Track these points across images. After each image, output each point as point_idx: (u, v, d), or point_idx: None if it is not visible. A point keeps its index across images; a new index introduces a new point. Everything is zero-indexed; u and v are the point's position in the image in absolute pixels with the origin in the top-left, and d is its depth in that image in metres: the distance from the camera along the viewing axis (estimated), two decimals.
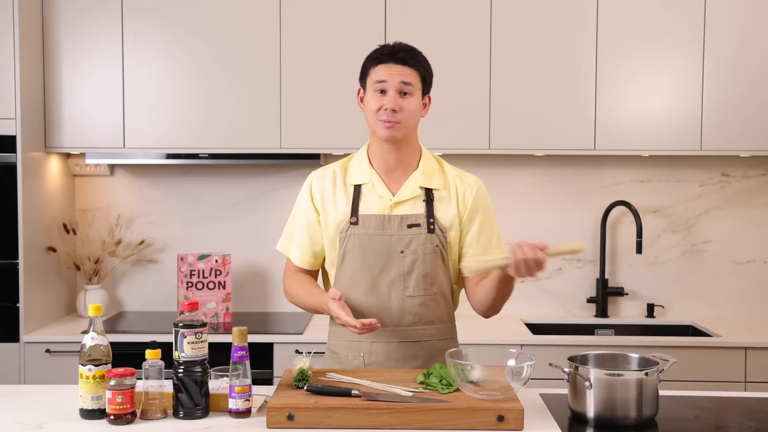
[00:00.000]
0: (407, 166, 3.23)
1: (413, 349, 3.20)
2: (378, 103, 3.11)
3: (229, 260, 5.01)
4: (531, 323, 4.98)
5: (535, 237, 5.20)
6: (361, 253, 3.17)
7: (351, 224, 3.18)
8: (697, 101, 4.77)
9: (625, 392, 2.70)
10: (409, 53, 3.16)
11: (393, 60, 3.12)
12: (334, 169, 3.28)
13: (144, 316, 5.19)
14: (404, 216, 3.16)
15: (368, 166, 3.23)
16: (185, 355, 2.70)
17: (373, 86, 3.13)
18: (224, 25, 4.78)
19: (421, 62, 3.18)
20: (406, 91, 3.11)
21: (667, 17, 4.77)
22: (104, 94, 4.80)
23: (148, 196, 5.30)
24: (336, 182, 3.25)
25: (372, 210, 3.18)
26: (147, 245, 5.29)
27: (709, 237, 5.25)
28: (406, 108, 3.11)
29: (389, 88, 3.10)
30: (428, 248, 3.16)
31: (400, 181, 3.22)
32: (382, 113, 3.10)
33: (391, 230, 3.16)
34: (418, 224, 3.16)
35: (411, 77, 3.12)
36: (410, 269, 3.15)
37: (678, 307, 5.26)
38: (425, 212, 3.18)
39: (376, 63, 3.15)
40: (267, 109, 4.79)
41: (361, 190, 3.21)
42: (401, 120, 3.11)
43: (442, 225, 3.19)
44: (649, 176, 5.24)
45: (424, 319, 3.19)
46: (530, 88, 4.80)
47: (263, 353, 4.53)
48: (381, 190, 3.20)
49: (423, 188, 3.21)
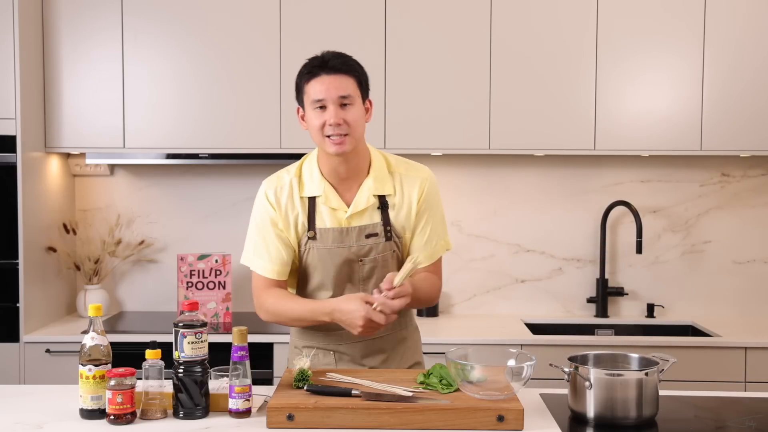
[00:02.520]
0: (358, 173, 3.19)
1: (380, 344, 3.26)
2: (320, 119, 3.05)
3: (229, 260, 5.01)
4: (531, 323, 4.98)
5: (535, 237, 5.22)
6: (322, 266, 3.18)
7: (309, 238, 3.16)
8: (697, 101, 4.77)
9: (625, 392, 2.70)
10: (341, 60, 3.10)
11: (325, 71, 3.06)
12: (289, 180, 3.22)
13: (144, 316, 5.19)
14: (362, 227, 3.16)
15: (320, 178, 3.18)
16: (185, 355, 2.70)
17: (312, 104, 3.07)
18: (224, 24, 4.78)
19: (353, 67, 3.12)
20: (346, 102, 3.05)
21: (667, 17, 4.77)
22: (104, 94, 4.79)
23: (148, 196, 5.30)
24: (293, 192, 3.19)
25: (328, 223, 3.16)
26: (147, 245, 5.29)
27: (709, 237, 5.25)
28: (350, 119, 3.05)
29: (328, 104, 3.03)
30: (387, 255, 3.19)
31: (353, 190, 3.19)
32: (327, 129, 3.04)
33: (349, 242, 3.15)
34: (376, 233, 3.17)
35: (348, 87, 3.06)
36: (369, 275, 3.19)
37: (678, 307, 5.26)
38: (381, 220, 3.18)
39: (309, 78, 3.09)
40: (267, 109, 4.79)
41: (315, 202, 3.18)
42: (348, 132, 3.05)
43: (397, 231, 3.20)
44: (649, 176, 5.24)
45: None
46: (530, 88, 4.79)
47: (263, 353, 4.53)
48: (335, 202, 3.17)
49: (376, 196, 3.18)
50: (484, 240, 5.24)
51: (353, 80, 3.09)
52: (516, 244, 5.25)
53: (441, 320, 5.03)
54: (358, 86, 3.11)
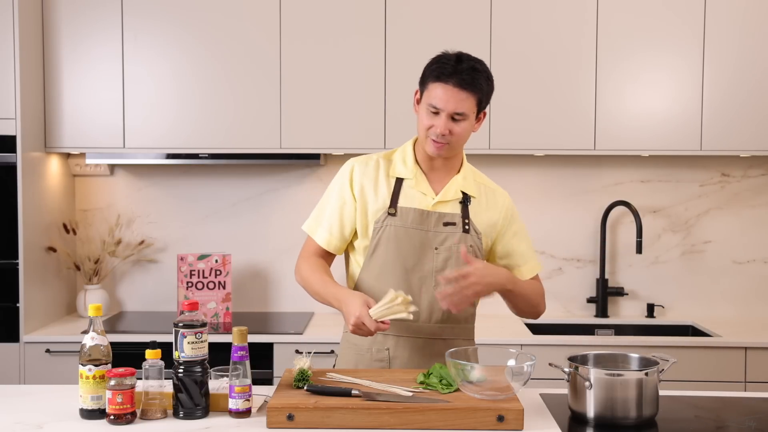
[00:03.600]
0: (450, 169, 3.24)
1: (438, 347, 3.19)
2: (429, 122, 3.07)
3: (229, 260, 5.01)
4: (531, 323, 4.98)
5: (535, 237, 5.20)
6: (395, 245, 3.16)
7: (389, 215, 3.16)
8: (697, 101, 4.78)
9: (625, 392, 2.70)
10: (471, 76, 3.04)
11: (453, 81, 3.02)
12: (377, 158, 3.26)
13: (144, 316, 5.19)
14: (442, 214, 3.17)
15: (414, 163, 3.22)
16: (185, 355, 2.70)
17: (428, 106, 3.07)
18: (224, 24, 4.78)
19: (480, 86, 3.07)
20: (458, 118, 3.05)
21: (668, 17, 4.77)
22: (104, 94, 4.80)
23: (148, 196, 5.30)
24: (379, 172, 3.23)
25: (413, 204, 3.18)
26: (147, 245, 5.29)
27: (709, 237, 5.25)
28: (457, 132, 3.07)
29: (442, 113, 3.04)
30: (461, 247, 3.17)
31: (443, 182, 3.22)
32: (431, 133, 3.07)
33: (428, 226, 3.16)
34: (454, 223, 3.17)
35: (466, 104, 3.04)
36: (443, 266, 3.15)
37: (678, 307, 5.26)
38: (461, 213, 3.19)
39: (435, 79, 3.06)
40: (267, 109, 4.79)
41: (402, 184, 3.20)
42: (450, 142, 3.08)
43: (476, 227, 3.20)
44: (649, 176, 5.24)
45: (451, 318, 3.20)
46: (530, 88, 4.80)
47: (263, 353, 4.53)
48: (424, 187, 3.19)
49: (462, 192, 3.21)
50: None
51: (475, 98, 3.07)
52: None
53: None
54: (477, 104, 3.09)
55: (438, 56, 3.13)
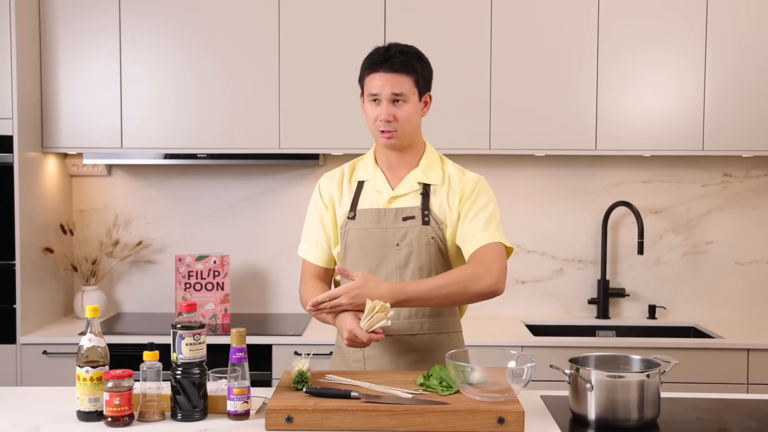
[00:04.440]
0: (410, 164, 3.29)
1: (410, 343, 3.23)
2: (374, 113, 3.16)
3: (228, 261, 5.01)
4: (531, 324, 4.99)
5: (536, 238, 5.22)
6: (359, 247, 3.22)
7: (349, 219, 3.24)
8: (698, 101, 4.77)
9: (626, 394, 2.70)
10: (402, 59, 3.14)
11: (384, 68, 3.13)
12: (342, 168, 3.37)
13: (142, 317, 5.18)
14: (399, 209, 3.21)
15: (373, 164, 3.30)
16: (183, 356, 2.70)
17: (368, 96, 3.18)
18: (223, 24, 4.78)
19: (413, 67, 3.16)
20: (399, 99, 3.13)
21: (669, 16, 4.77)
22: (102, 94, 4.80)
23: (146, 197, 5.30)
24: (343, 180, 3.33)
25: (370, 204, 3.24)
26: (145, 246, 5.29)
27: (711, 238, 5.25)
28: (401, 116, 3.14)
29: (382, 99, 3.13)
30: (423, 240, 3.18)
31: (402, 177, 3.27)
32: (378, 123, 3.15)
33: (386, 223, 3.20)
34: (413, 216, 3.20)
35: (403, 85, 3.13)
36: (406, 262, 3.19)
37: (680, 308, 5.26)
38: (420, 205, 3.21)
39: (369, 71, 3.18)
40: (266, 109, 4.79)
41: (363, 186, 3.28)
42: (397, 128, 3.15)
43: (437, 217, 3.21)
44: (650, 176, 5.24)
45: (420, 312, 3.23)
46: (531, 88, 4.80)
47: (262, 355, 4.53)
48: (381, 185, 3.26)
49: (421, 183, 3.24)
50: None
51: (410, 78, 3.15)
52: (516, 245, 5.25)
53: None
54: (415, 84, 3.17)
55: (369, 53, 3.23)
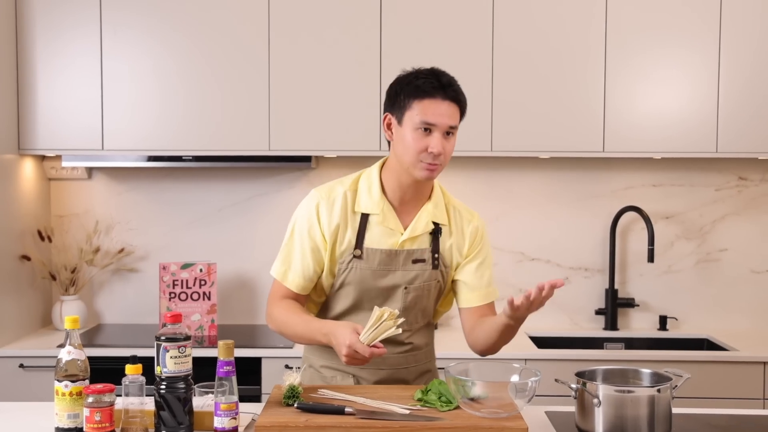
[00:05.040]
0: (420, 198, 3.21)
1: (402, 375, 3.27)
2: (422, 143, 3.01)
3: (215, 269, 5.01)
4: (536, 336, 4.99)
5: (540, 245, 5.22)
6: (362, 287, 3.17)
7: (354, 257, 3.15)
8: (712, 100, 4.78)
9: (635, 410, 2.70)
10: (456, 88, 3.08)
11: (442, 96, 3.03)
12: (343, 192, 3.19)
13: (124, 328, 5.18)
14: (411, 251, 3.17)
15: (380, 196, 3.17)
16: (168, 370, 2.70)
17: (418, 124, 3.01)
18: (210, 18, 4.78)
19: (463, 98, 3.12)
20: (451, 132, 3.06)
21: (681, 10, 4.77)
22: (81, 93, 4.79)
23: (129, 201, 5.29)
24: (346, 210, 3.17)
25: (379, 243, 3.15)
26: (127, 253, 5.29)
27: (726, 245, 5.25)
28: (449, 150, 3.07)
29: (436, 130, 3.02)
30: (431, 284, 3.21)
31: (412, 213, 3.20)
32: (425, 156, 3.02)
33: (396, 265, 3.16)
34: (424, 259, 3.18)
35: (456, 118, 3.07)
36: (412, 305, 3.19)
37: (692, 319, 5.26)
38: (430, 247, 3.19)
39: (423, 96, 3.03)
40: (255, 109, 4.79)
41: (368, 220, 3.17)
42: (443, 162, 3.06)
43: (444, 261, 3.22)
44: (661, 180, 5.24)
45: (414, 347, 3.28)
46: (535, 86, 4.80)
47: (251, 368, 4.53)
48: (392, 222, 3.16)
49: (433, 223, 3.21)
50: None
51: (459, 111, 3.10)
52: (520, 253, 5.26)
53: (440, 333, 5.03)
54: (461, 117, 3.12)
55: (411, 74, 3.12)
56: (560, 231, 5.27)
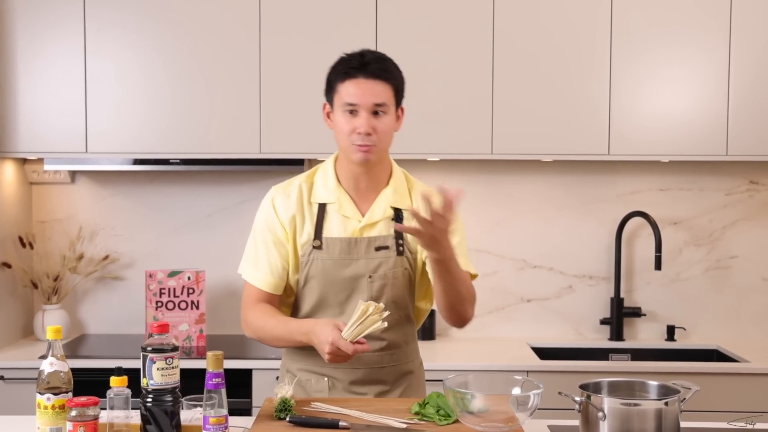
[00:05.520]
0: (377, 184, 3.27)
1: (379, 374, 3.26)
2: (349, 125, 3.12)
3: (203, 277, 5.01)
4: (538, 347, 4.99)
5: (542, 252, 5.22)
6: (325, 279, 3.21)
7: (314, 248, 3.20)
8: (722, 100, 4.78)
9: (642, 424, 2.71)
10: (381, 65, 3.16)
11: (363, 74, 3.12)
12: (299, 184, 3.29)
13: (109, 339, 5.18)
14: (372, 238, 3.21)
15: (335, 185, 3.26)
16: (154, 382, 2.70)
17: (343, 106, 3.13)
18: (198, 16, 4.78)
19: (393, 74, 3.18)
20: (380, 110, 3.11)
21: (689, 7, 4.77)
22: (64, 93, 4.79)
23: (113, 206, 5.29)
24: (302, 200, 3.26)
25: (338, 232, 3.21)
26: (112, 261, 5.29)
27: (736, 251, 5.26)
28: (381, 129, 3.12)
29: (361, 110, 3.10)
30: (398, 272, 3.22)
31: (370, 200, 3.26)
32: (355, 137, 3.11)
33: (357, 254, 3.20)
34: (387, 246, 3.21)
35: (384, 95, 3.12)
36: (379, 294, 3.20)
37: (701, 329, 5.26)
38: (394, 233, 3.22)
39: (344, 77, 3.15)
40: (245, 110, 4.79)
41: (326, 210, 3.24)
42: (376, 142, 3.12)
43: (411, 246, 3.24)
44: (669, 184, 5.24)
45: (390, 344, 3.27)
46: (537, 86, 4.80)
47: (241, 380, 4.53)
48: (349, 210, 3.23)
49: (393, 208, 3.24)
50: (486, 255, 5.25)
51: (390, 87, 3.16)
52: (521, 260, 5.26)
53: (438, 344, 5.04)
54: (394, 94, 3.17)
55: (339, 59, 3.23)
56: (563, 237, 5.27)
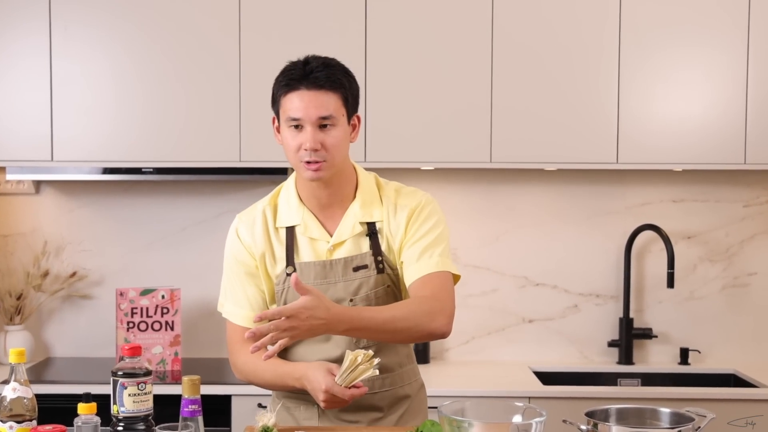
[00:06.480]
0: (342, 198, 3.26)
1: (372, 401, 3.24)
2: (295, 141, 3.10)
3: (179, 296, 5.02)
4: (540, 371, 5.00)
5: (546, 268, 5.22)
6: None
7: (288, 275, 3.19)
8: (740, 104, 4.79)
9: None
10: (326, 72, 3.10)
11: (306, 85, 3.07)
12: (263, 209, 3.29)
13: (76, 362, 5.19)
14: (348, 258, 3.20)
15: (298, 204, 3.26)
16: (125, 409, 2.71)
17: (287, 121, 3.11)
18: (173, 14, 4.78)
19: (340, 81, 3.13)
20: (327, 123, 3.08)
21: (705, 3, 4.77)
22: (28, 97, 4.79)
23: (81, 219, 5.30)
24: (267, 228, 3.26)
25: (309, 256, 3.21)
26: (80, 278, 5.28)
27: (755, 268, 5.27)
28: (330, 143, 3.09)
29: (305, 124, 3.07)
30: (381, 291, 3.21)
31: (337, 217, 3.25)
32: (303, 153, 3.09)
33: (334, 277, 3.19)
34: (366, 265, 3.20)
35: (330, 106, 3.08)
36: None
37: (717, 352, 5.27)
38: (371, 250, 3.22)
39: (286, 90, 3.12)
40: (224, 116, 4.79)
41: (294, 233, 3.24)
42: (326, 158, 3.09)
43: (390, 262, 3.23)
44: (682, 195, 5.25)
45: (382, 369, 3.18)
46: (539, 88, 4.81)
47: (219, 407, 4.53)
48: (316, 231, 3.22)
49: (364, 224, 3.23)
50: (485, 271, 5.26)
51: (338, 97, 3.11)
52: (523, 277, 5.27)
53: (433, 368, 5.04)
54: (344, 104, 3.13)
55: (282, 70, 3.19)
56: (568, 252, 5.28)
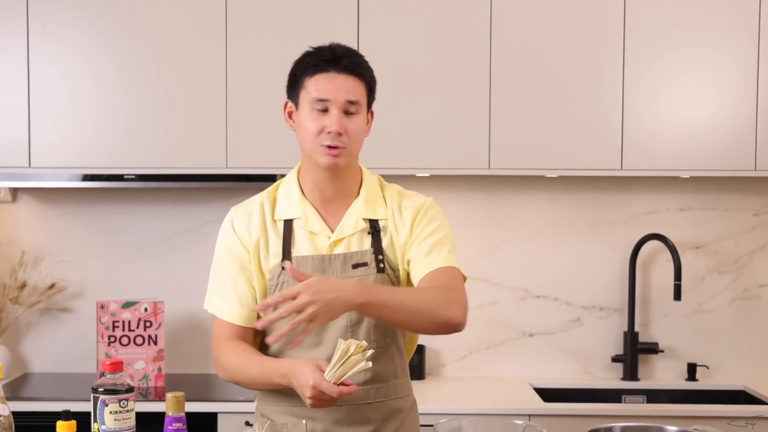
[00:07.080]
0: (347, 194, 3.29)
1: (365, 413, 3.24)
2: (318, 123, 3.12)
3: (162, 309, 5.02)
4: (541, 387, 5.01)
5: (547, 280, 5.22)
6: None
7: (283, 269, 3.19)
8: (750, 108, 4.80)
9: None
10: (355, 59, 3.19)
11: (336, 68, 3.14)
12: (260, 201, 3.32)
13: (55, 378, 5.19)
14: (348, 255, 3.22)
15: (300, 197, 3.28)
16: (107, 427, 2.72)
17: (312, 103, 3.13)
18: (157, 14, 4.78)
19: (367, 70, 3.22)
20: (352, 110, 3.14)
21: (713, 3, 4.79)
22: (4, 100, 4.80)
23: (60, 228, 5.30)
24: (264, 219, 3.28)
25: (307, 250, 3.23)
26: (58, 290, 5.28)
27: (766, 279, 5.27)
28: (352, 130, 3.14)
29: (332, 107, 3.11)
30: None
31: (339, 213, 3.28)
32: (324, 137, 3.11)
33: (332, 273, 3.20)
34: (365, 263, 3.22)
35: (357, 92, 3.15)
36: (359, 318, 3.19)
37: (726, 367, 5.27)
38: (372, 248, 3.24)
39: (313, 71, 3.16)
40: (210, 120, 4.80)
41: (292, 227, 3.25)
42: (347, 144, 3.13)
43: (391, 262, 3.26)
44: (689, 203, 5.26)
45: (377, 377, 3.23)
46: (540, 92, 4.82)
47: (205, 425, 4.53)
48: (317, 225, 3.24)
49: (367, 220, 3.26)
50: (483, 283, 5.26)
51: (364, 85, 3.19)
52: (523, 289, 5.28)
53: (428, 384, 5.05)
54: (367, 93, 3.21)
55: (305, 53, 3.24)
56: (570, 263, 5.29)
